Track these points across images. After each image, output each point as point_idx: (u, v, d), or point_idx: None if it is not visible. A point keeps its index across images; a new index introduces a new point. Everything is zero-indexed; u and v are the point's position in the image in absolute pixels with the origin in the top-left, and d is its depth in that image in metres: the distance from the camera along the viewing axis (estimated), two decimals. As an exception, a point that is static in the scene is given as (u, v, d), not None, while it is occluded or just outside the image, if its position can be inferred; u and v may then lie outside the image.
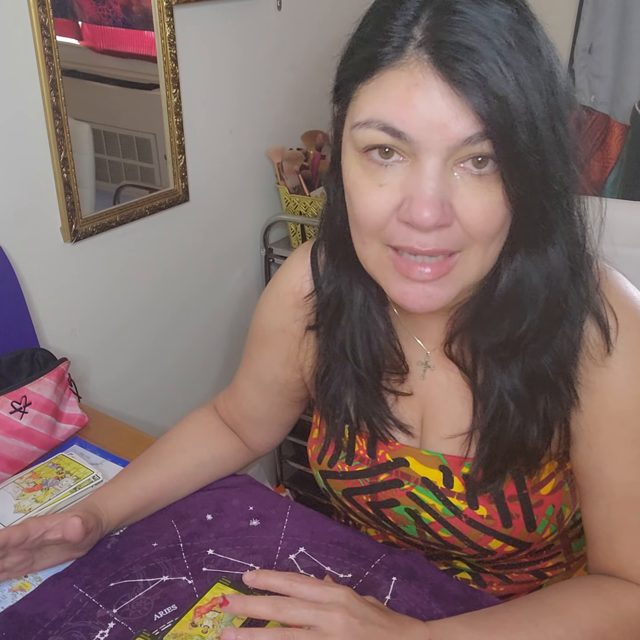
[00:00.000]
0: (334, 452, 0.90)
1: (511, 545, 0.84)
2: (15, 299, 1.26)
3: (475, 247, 0.65)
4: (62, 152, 1.30)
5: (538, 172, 0.62)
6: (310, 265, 0.86)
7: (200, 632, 0.80)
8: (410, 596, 0.85)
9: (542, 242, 0.68)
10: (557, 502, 0.84)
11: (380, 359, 0.82)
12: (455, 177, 0.62)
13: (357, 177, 0.65)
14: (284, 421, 1.02)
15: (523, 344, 0.73)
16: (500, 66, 0.58)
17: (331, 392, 0.85)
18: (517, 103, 0.58)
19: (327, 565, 0.89)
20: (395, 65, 0.60)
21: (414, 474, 0.86)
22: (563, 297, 0.71)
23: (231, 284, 1.81)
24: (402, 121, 0.60)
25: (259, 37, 1.67)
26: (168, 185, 1.56)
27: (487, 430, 0.78)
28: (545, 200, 0.65)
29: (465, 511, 0.83)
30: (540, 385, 0.75)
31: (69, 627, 0.82)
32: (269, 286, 0.92)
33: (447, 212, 0.62)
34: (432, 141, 0.60)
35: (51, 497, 0.97)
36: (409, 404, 0.85)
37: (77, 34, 1.36)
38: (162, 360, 1.68)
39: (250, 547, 0.92)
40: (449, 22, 0.59)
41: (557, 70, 0.63)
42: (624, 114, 1.95)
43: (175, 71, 1.47)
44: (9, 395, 1.07)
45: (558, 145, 0.63)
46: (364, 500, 0.90)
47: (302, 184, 1.75)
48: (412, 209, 0.61)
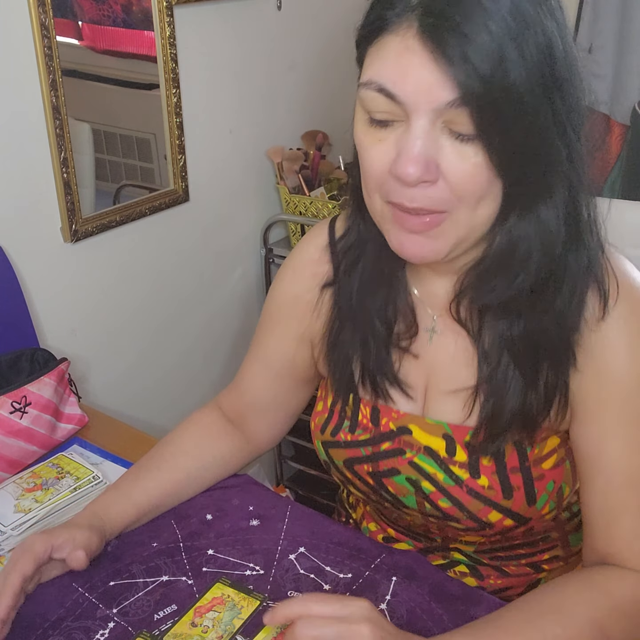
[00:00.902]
0: (337, 421, 0.91)
1: (510, 518, 0.84)
2: (15, 299, 1.26)
3: (463, 207, 0.68)
4: (62, 152, 1.30)
5: (523, 142, 0.64)
6: (328, 235, 0.89)
7: (200, 632, 0.80)
8: (411, 596, 0.85)
9: (534, 206, 0.70)
10: (558, 478, 0.84)
11: (393, 317, 0.83)
12: (443, 138, 0.65)
13: (362, 133, 0.69)
14: (290, 408, 1.02)
15: (522, 305, 0.75)
16: (485, 39, 0.60)
17: (340, 349, 0.86)
18: (498, 77, 0.60)
19: (327, 565, 0.89)
20: (392, 29, 0.63)
21: (416, 442, 0.86)
22: (558, 261, 0.73)
23: (231, 283, 1.81)
24: (394, 83, 0.64)
25: (259, 37, 1.67)
26: (168, 185, 1.56)
27: (490, 392, 0.80)
28: (535, 168, 0.67)
29: (466, 481, 0.84)
30: (542, 348, 0.77)
31: (68, 627, 0.82)
32: (285, 261, 0.95)
33: (431, 169, 0.65)
34: (419, 103, 0.63)
35: (51, 497, 0.97)
36: (414, 368, 0.86)
37: (77, 34, 1.36)
38: (162, 360, 1.68)
39: (250, 547, 0.92)
40: None
41: (556, 43, 0.64)
42: (624, 114, 1.95)
43: (175, 71, 1.47)
44: (9, 395, 1.07)
45: (553, 116, 0.65)
46: (364, 470, 0.89)
47: (302, 183, 1.75)
48: (399, 164, 0.66)
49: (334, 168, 1.81)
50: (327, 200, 1.72)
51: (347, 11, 2.00)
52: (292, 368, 0.96)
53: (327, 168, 1.79)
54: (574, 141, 0.68)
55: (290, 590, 0.86)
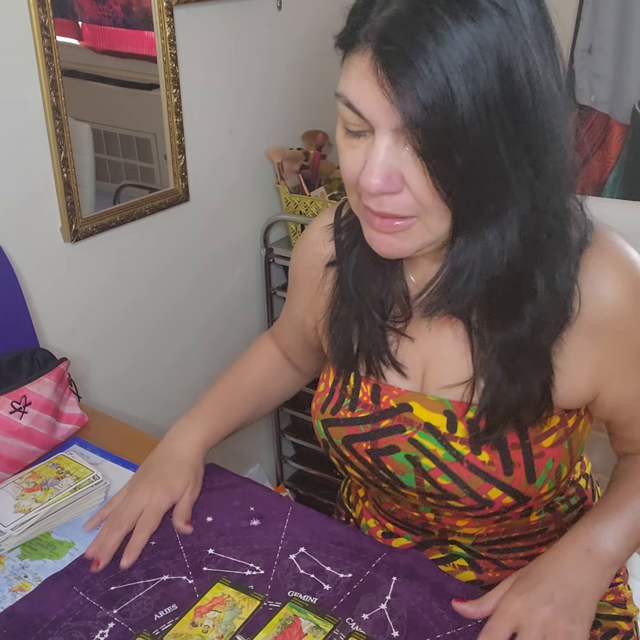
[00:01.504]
0: (337, 400, 0.92)
1: (510, 496, 0.85)
2: (15, 299, 1.26)
3: (430, 216, 0.70)
4: (62, 152, 1.30)
5: (466, 168, 0.65)
6: (334, 216, 0.93)
7: (200, 632, 0.80)
8: (411, 595, 0.85)
9: (481, 230, 0.71)
10: (557, 457, 0.86)
11: (388, 299, 0.86)
12: (407, 151, 0.68)
13: (340, 137, 0.73)
14: (317, 356, 1.09)
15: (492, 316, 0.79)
16: (433, 71, 0.61)
17: (339, 325, 0.90)
18: (442, 107, 0.62)
19: (327, 565, 0.89)
20: (357, 49, 0.67)
21: (417, 419, 0.87)
22: (515, 278, 0.75)
23: (231, 283, 1.81)
24: (357, 102, 0.67)
25: (259, 37, 1.67)
26: (168, 185, 1.56)
27: (486, 383, 0.82)
28: (480, 193, 0.68)
29: (467, 456, 0.84)
30: (523, 350, 0.79)
31: (68, 627, 0.82)
32: (301, 234, 1.01)
33: (394, 181, 0.68)
34: (380, 122, 0.66)
35: (51, 497, 0.97)
36: (412, 351, 0.88)
37: (77, 34, 1.36)
38: (162, 360, 1.68)
39: (251, 546, 0.92)
40: (401, 18, 0.63)
41: (515, 67, 0.64)
42: (624, 114, 1.95)
43: (175, 71, 1.47)
44: (9, 395, 1.07)
45: (504, 141, 0.65)
46: (363, 448, 0.90)
47: (302, 183, 1.75)
48: (363, 175, 0.69)
49: (334, 168, 1.81)
50: (327, 200, 1.72)
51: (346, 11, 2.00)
52: (306, 331, 1.03)
53: (327, 168, 1.79)
54: (538, 160, 0.68)
55: (291, 590, 0.86)
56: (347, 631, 0.81)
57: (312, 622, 0.81)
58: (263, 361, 1.12)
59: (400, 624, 0.82)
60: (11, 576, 0.90)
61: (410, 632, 0.81)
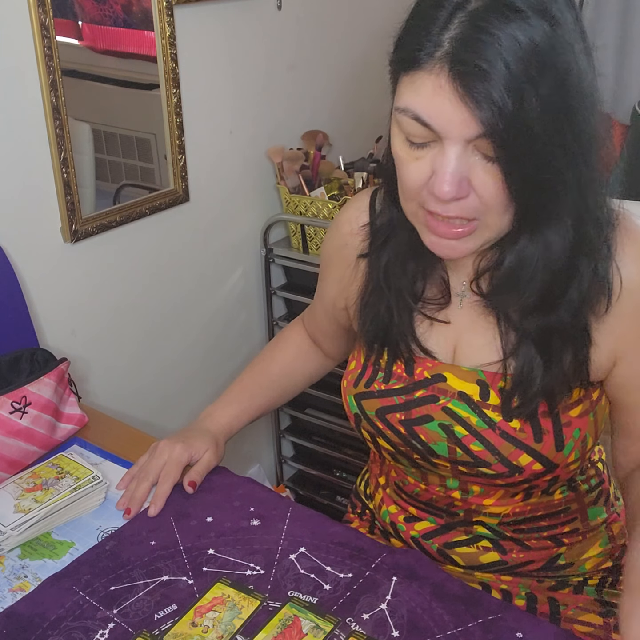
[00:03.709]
0: (371, 374, 0.96)
1: (539, 462, 0.88)
2: (15, 299, 1.26)
3: (492, 214, 0.76)
4: (62, 152, 1.30)
5: (535, 171, 0.72)
6: (369, 202, 0.97)
7: (200, 632, 0.80)
8: (411, 596, 0.85)
9: (543, 230, 0.78)
10: (584, 427, 0.90)
11: (421, 287, 0.91)
12: (474, 158, 0.73)
13: (399, 149, 0.78)
14: (347, 337, 1.13)
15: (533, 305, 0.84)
16: (507, 87, 0.67)
17: (370, 309, 0.94)
18: (517, 114, 0.68)
19: (327, 565, 0.89)
20: (426, 67, 0.71)
21: (450, 388, 0.91)
22: (563, 274, 0.81)
23: (231, 283, 1.81)
24: (428, 116, 0.72)
25: (259, 37, 1.67)
26: (168, 185, 1.56)
27: (516, 364, 0.86)
28: (544, 194, 0.75)
29: (499, 423, 0.88)
30: (557, 333, 0.84)
31: (68, 627, 0.82)
32: (335, 216, 1.07)
33: (464, 186, 0.74)
34: (452, 133, 0.72)
35: (51, 497, 0.97)
36: (444, 332, 0.92)
37: (77, 34, 1.36)
38: (162, 360, 1.68)
39: (251, 547, 0.92)
40: (471, 40, 0.68)
41: (571, 73, 0.71)
42: (624, 114, 1.95)
43: (175, 71, 1.47)
44: (9, 395, 1.07)
45: (563, 145, 0.73)
46: (397, 419, 0.93)
47: (302, 183, 1.75)
48: (435, 184, 0.74)
49: (334, 168, 1.81)
50: (327, 200, 1.72)
51: (346, 11, 2.01)
52: (337, 311, 1.07)
53: (327, 168, 1.79)
54: (589, 162, 0.76)
55: (291, 590, 0.86)
56: (347, 631, 0.81)
57: (312, 622, 0.81)
58: (291, 346, 1.19)
59: (401, 624, 0.82)
60: (11, 576, 0.90)
61: (411, 632, 0.81)
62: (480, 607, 0.84)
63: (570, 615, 0.98)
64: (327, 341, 1.16)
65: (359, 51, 1.93)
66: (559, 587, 1.00)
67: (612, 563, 1.03)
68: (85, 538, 0.96)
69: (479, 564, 0.98)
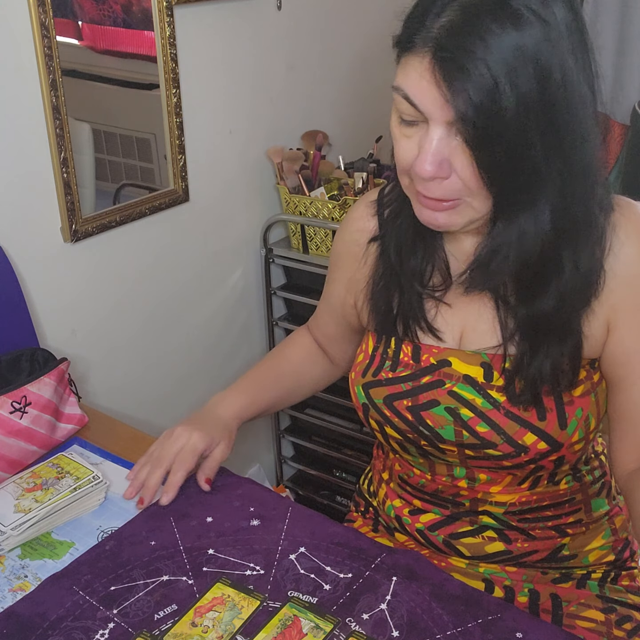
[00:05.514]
0: (378, 363, 0.98)
1: (544, 441, 0.90)
2: (15, 299, 1.26)
3: (474, 197, 0.79)
4: (62, 152, 1.30)
5: (507, 159, 0.74)
6: (378, 195, 1.01)
7: (200, 632, 0.80)
8: (411, 596, 0.85)
9: (517, 215, 0.80)
10: (586, 407, 0.91)
11: (427, 269, 0.93)
12: (457, 140, 0.76)
13: (394, 125, 0.82)
14: (352, 339, 1.14)
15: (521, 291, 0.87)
16: (482, 73, 0.70)
17: (380, 293, 0.97)
18: (489, 105, 0.71)
19: (327, 565, 0.89)
20: (416, 51, 0.75)
21: (455, 372, 0.93)
22: (544, 260, 0.83)
23: (231, 283, 1.81)
24: (414, 96, 0.76)
25: (259, 37, 1.67)
26: (168, 185, 1.56)
27: (516, 349, 0.89)
28: (517, 182, 0.77)
29: (503, 403, 0.90)
30: (547, 325, 0.86)
31: (68, 627, 0.82)
32: (346, 214, 1.08)
33: (444, 167, 0.77)
34: (435, 114, 0.75)
35: (51, 497, 0.97)
36: (450, 316, 0.95)
37: (77, 34, 1.36)
38: (162, 360, 1.68)
39: (251, 547, 0.92)
40: (456, 29, 0.71)
41: (554, 72, 0.72)
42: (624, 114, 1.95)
43: (175, 71, 1.47)
44: (9, 395, 1.07)
45: (541, 137, 0.74)
46: (404, 406, 0.94)
47: (302, 184, 1.75)
48: (417, 162, 0.78)
49: (334, 168, 1.81)
50: (327, 200, 1.72)
51: (346, 11, 2.00)
52: (346, 311, 1.08)
53: (327, 168, 1.79)
54: (568, 156, 0.77)
55: (291, 590, 0.86)
56: (347, 631, 0.81)
57: (312, 622, 0.81)
58: (299, 350, 1.20)
59: (400, 624, 0.82)
60: (11, 576, 0.90)
61: (410, 632, 0.81)
62: (480, 607, 0.84)
63: (572, 611, 0.98)
64: (333, 345, 1.17)
65: (359, 51, 1.93)
66: (563, 580, 1.01)
67: (614, 557, 1.04)
68: (85, 538, 0.96)
69: (484, 554, 0.99)
